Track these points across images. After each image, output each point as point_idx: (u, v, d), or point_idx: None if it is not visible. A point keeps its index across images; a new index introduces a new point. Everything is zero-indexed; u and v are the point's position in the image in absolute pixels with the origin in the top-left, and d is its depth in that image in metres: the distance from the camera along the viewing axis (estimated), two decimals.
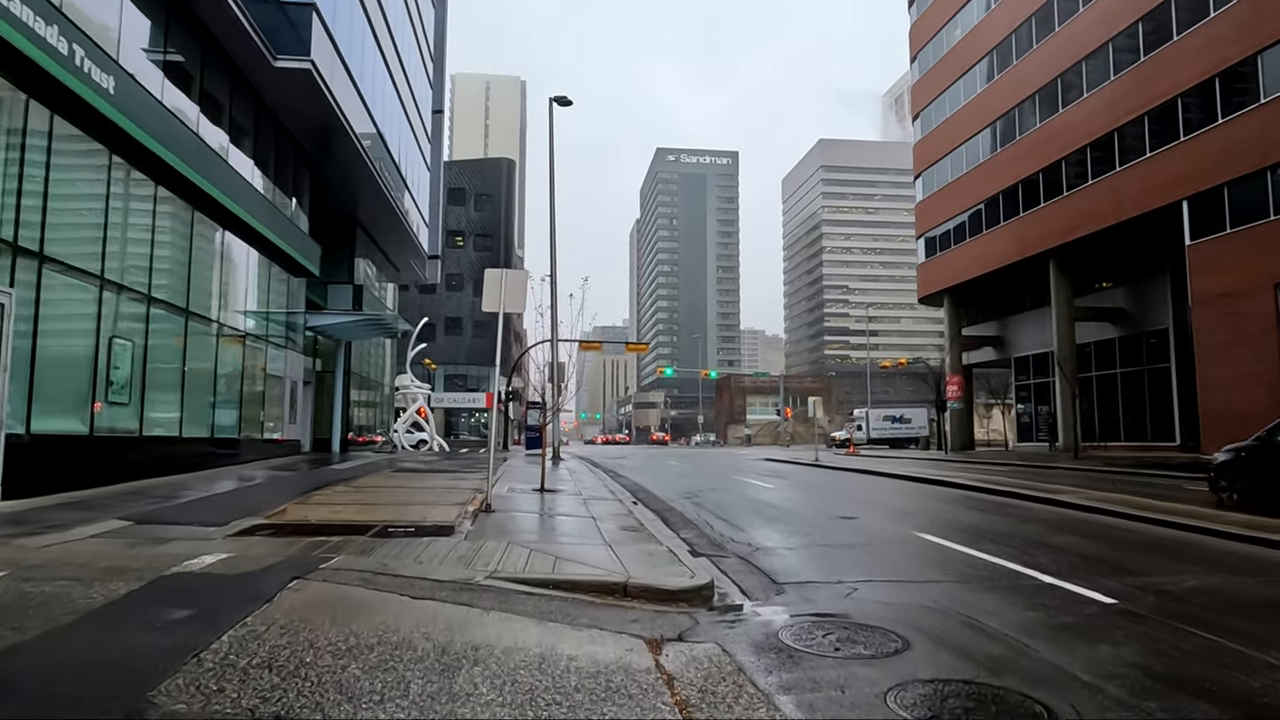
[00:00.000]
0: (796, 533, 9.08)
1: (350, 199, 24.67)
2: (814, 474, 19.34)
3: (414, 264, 35.55)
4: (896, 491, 14.38)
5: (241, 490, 11.64)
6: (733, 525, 9.76)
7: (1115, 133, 26.58)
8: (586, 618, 5.20)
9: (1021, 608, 5.53)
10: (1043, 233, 29.97)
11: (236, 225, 16.08)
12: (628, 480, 17.62)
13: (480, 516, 9.13)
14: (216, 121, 15.32)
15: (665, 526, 9.58)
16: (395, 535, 7.65)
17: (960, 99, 36.55)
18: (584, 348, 26.54)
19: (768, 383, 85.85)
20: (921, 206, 40.73)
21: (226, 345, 16.08)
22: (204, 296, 15.03)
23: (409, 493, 11.53)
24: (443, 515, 9.04)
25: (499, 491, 12.22)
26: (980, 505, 11.41)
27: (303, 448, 23.67)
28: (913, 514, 10.59)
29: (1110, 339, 30.63)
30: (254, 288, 17.77)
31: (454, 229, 61.20)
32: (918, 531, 8.87)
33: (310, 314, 21.88)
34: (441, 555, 6.69)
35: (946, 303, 38.31)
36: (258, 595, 5.15)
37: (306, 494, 10.93)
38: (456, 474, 15.82)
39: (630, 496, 13.21)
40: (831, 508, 11.76)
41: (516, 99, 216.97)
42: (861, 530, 9.13)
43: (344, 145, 20.15)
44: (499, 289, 10.01)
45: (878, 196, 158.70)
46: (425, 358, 46.76)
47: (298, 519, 8.59)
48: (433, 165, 35.66)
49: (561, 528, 8.78)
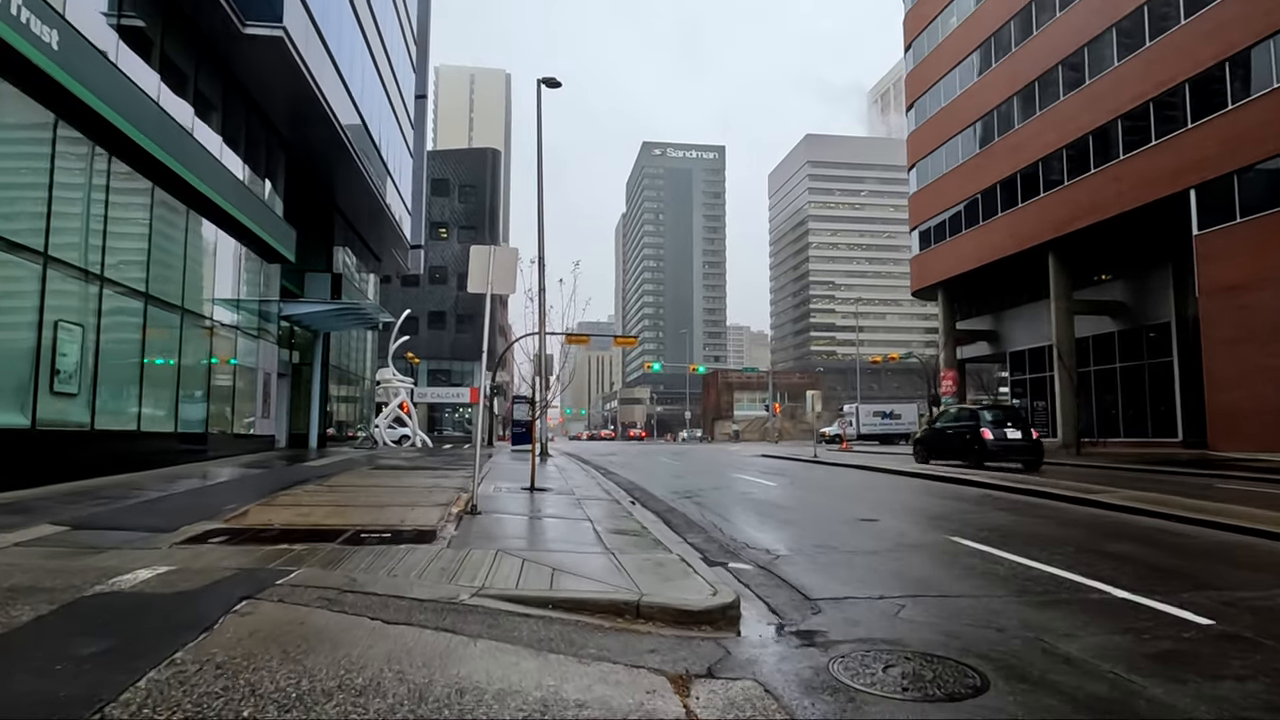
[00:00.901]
0: (816, 538, 8.24)
1: (328, 183, 23.59)
2: (815, 471, 18.54)
3: (396, 254, 34.44)
4: (909, 490, 13.59)
5: (202, 490, 10.64)
6: (743, 529, 8.91)
7: (1118, 120, 25.95)
8: (594, 647, 4.32)
9: (1103, 630, 4.71)
10: (1041, 224, 29.34)
11: (203, 205, 15.02)
12: (621, 478, 16.74)
13: (465, 519, 8.22)
14: (180, 93, 14.25)
15: (669, 530, 8.71)
16: (369, 542, 6.73)
17: (956, 88, 35.87)
18: (570, 341, 25.70)
19: (755, 378, 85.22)
20: (915, 199, 40.07)
21: (192, 333, 15.02)
22: (166, 280, 13.97)
23: (387, 492, 10.58)
24: (423, 518, 8.11)
25: (485, 491, 11.31)
26: (1008, 506, 10.62)
27: (278, 443, 22.59)
28: (937, 516, 9.78)
29: (1109, 333, 30.07)
30: (223, 273, 16.70)
31: (438, 220, 60.03)
32: (951, 536, 8.05)
33: (285, 302, 20.81)
34: (421, 567, 5.78)
35: (940, 296, 37.68)
36: (196, 621, 4.23)
37: (274, 494, 9.96)
38: (439, 471, 14.88)
39: (626, 496, 12.34)
40: (845, 508, 10.94)
41: (501, 92, 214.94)
42: (888, 535, 8.30)
43: (321, 125, 19.09)
44: (486, 268, 9.08)
45: (864, 192, 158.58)
46: (408, 351, 45.63)
47: (259, 523, 7.64)
48: (416, 153, 34.54)
49: (556, 532, 7.89)
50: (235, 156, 16.77)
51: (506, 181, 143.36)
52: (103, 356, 11.62)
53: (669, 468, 21.10)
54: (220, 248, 16.55)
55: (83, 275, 11.12)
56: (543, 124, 17.53)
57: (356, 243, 29.39)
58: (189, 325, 14.83)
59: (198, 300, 15.31)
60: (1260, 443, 20.18)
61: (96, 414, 11.42)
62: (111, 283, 11.94)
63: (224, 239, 16.66)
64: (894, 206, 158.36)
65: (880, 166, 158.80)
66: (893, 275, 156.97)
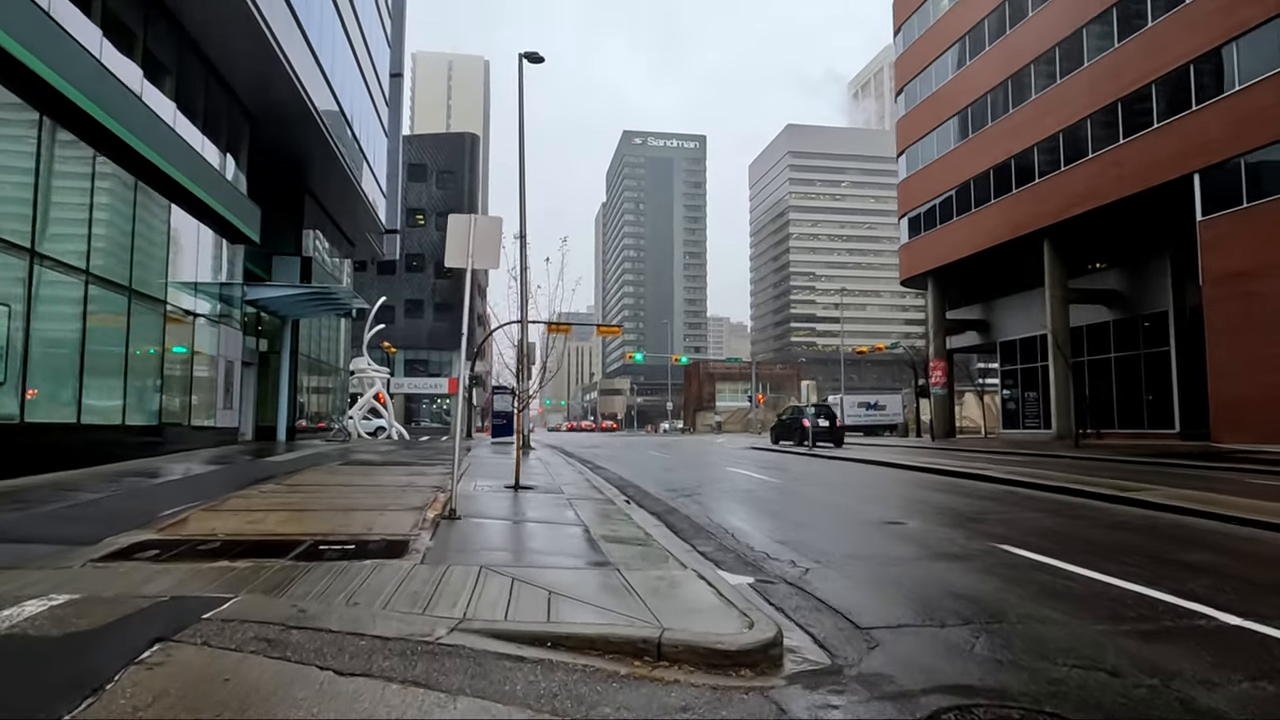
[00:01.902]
0: (843, 545, 7.29)
1: (298, 161, 22.24)
2: (813, 465, 17.65)
3: (371, 239, 33.09)
4: (923, 486, 12.70)
5: (143, 490, 9.48)
6: (757, 533, 7.94)
7: (1119, 103, 25.25)
8: (610, 706, 3.32)
9: (1241, 672, 3.77)
10: (1037, 211, 28.65)
11: (154, 177, 13.74)
12: (610, 473, 15.73)
13: (443, 525, 7.18)
14: (128, 52, 12.95)
15: (675, 536, 7.73)
16: (328, 556, 5.66)
17: (948, 71, 35.08)
18: (551, 330, 24.67)
19: (737, 369, 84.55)
20: (904, 185, 39.30)
21: (142, 317, 13.77)
22: (112, 259, 12.71)
23: (355, 493, 9.49)
24: (395, 524, 7.06)
25: (465, 489, 10.26)
26: (1043, 506, 9.73)
27: (242, 436, 21.31)
28: (968, 517, 8.87)
29: (1104, 322, 29.49)
30: (179, 253, 15.43)
31: (414, 207, 58.46)
32: (998, 544, 7.13)
33: (250, 286, 19.52)
34: (389, 590, 4.74)
35: (930, 285, 36.98)
36: (81, 679, 3.19)
37: (225, 495, 8.83)
38: (415, 467, 13.78)
39: (619, 494, 11.33)
40: (863, 508, 10.01)
41: (480, 79, 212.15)
42: (924, 541, 7.37)
43: (288, 97, 17.80)
44: (466, 239, 7.99)
45: (845, 183, 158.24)
46: (384, 340, 44.25)
47: (201, 532, 6.55)
48: (391, 134, 33.15)
49: (547, 541, 6.87)
50: (192, 126, 15.46)
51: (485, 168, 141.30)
52: (36, 341, 10.39)
53: (658, 461, 20.13)
54: (176, 226, 15.27)
55: (7, 249, 9.87)
56: (524, 94, 16.32)
57: (328, 226, 28.03)
58: (139, 308, 13.57)
59: (149, 281, 14.05)
60: (1265, 434, 19.59)
61: (27, 405, 10.19)
62: (46, 259, 10.69)
63: (180, 216, 15.37)
64: (874, 197, 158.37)
65: (861, 157, 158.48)
66: (873, 266, 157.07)
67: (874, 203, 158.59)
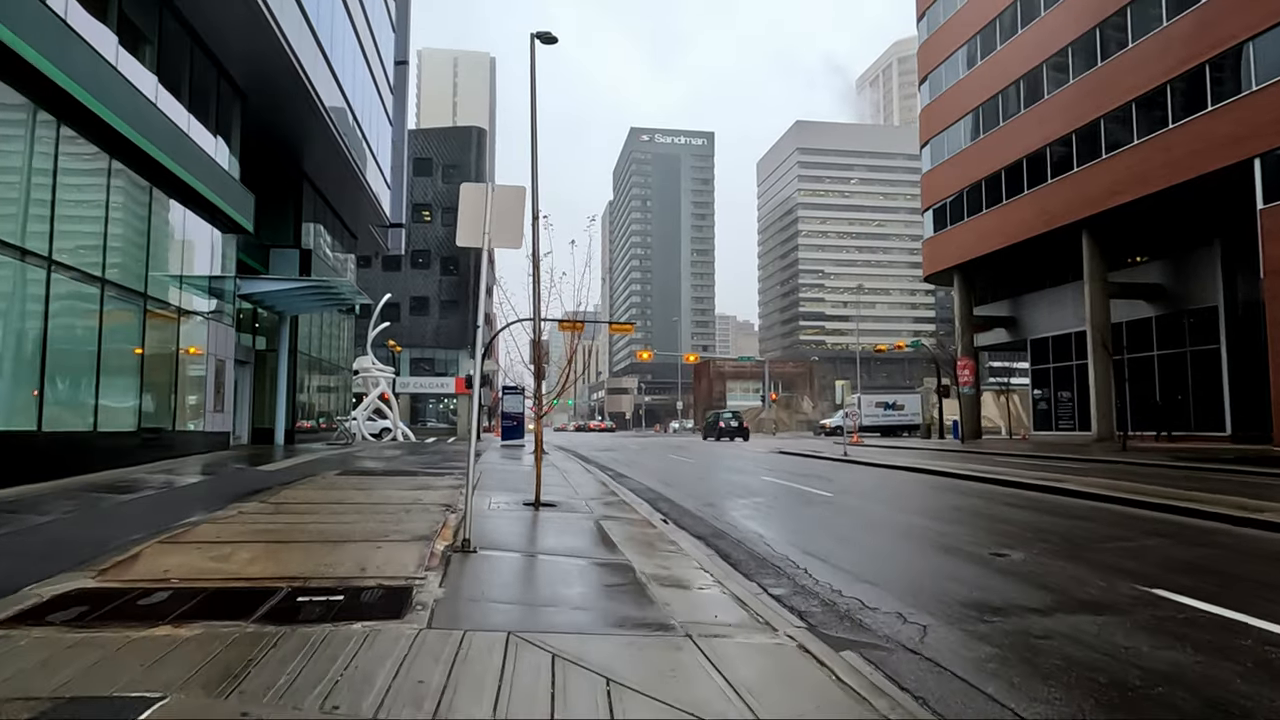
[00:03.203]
0: (951, 588, 5.90)
1: (295, 146, 20.93)
2: (856, 474, 16.18)
3: (375, 232, 31.79)
4: (998, 502, 11.26)
5: (104, 511, 8.14)
6: (835, 569, 6.55)
7: (1167, 85, 23.74)
8: None
9: None
10: (1075, 200, 27.14)
11: (132, 155, 12.42)
12: (634, 482, 14.36)
13: (454, 562, 5.81)
14: (101, 17, 11.62)
15: (735, 572, 6.37)
16: (305, 617, 4.30)
17: (977, 56, 33.56)
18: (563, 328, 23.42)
19: (748, 368, 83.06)
20: (929, 177, 37.79)
21: (119, 312, 12.45)
22: (81, 245, 11.40)
23: (350, 514, 8.14)
24: (395, 562, 5.69)
25: (479, 507, 8.90)
26: (1163, 529, 8.25)
27: (237, 440, 20.03)
28: (1080, 545, 7.48)
29: (1145, 318, 27.98)
30: (160, 241, 14.09)
31: (420, 202, 57.19)
32: (1142, 585, 5.73)
33: (244, 279, 18.20)
34: (383, 680, 3.37)
35: (957, 280, 35.49)
36: None
37: (197, 517, 7.49)
38: (421, 478, 12.43)
39: (651, 510, 9.97)
40: (945, 531, 8.60)
41: (485, 76, 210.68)
42: (1044, 582, 5.99)
43: (283, 75, 16.48)
44: (482, 213, 6.62)
45: (854, 180, 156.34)
46: (389, 339, 43.00)
47: (150, 575, 5.20)
48: (396, 122, 31.81)
49: (586, 586, 5.48)
50: (176, 103, 14.13)
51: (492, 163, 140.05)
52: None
53: (682, 467, 18.72)
54: (159, 212, 13.94)
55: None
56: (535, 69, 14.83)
57: (330, 218, 26.71)
58: (115, 302, 12.25)
59: (127, 272, 12.73)
60: None
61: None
62: (3, 245, 9.37)
63: (163, 201, 14.05)
64: (884, 194, 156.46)
65: (871, 154, 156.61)
66: (882, 264, 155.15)
67: (883, 199, 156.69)
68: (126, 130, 11.68)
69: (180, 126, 14.03)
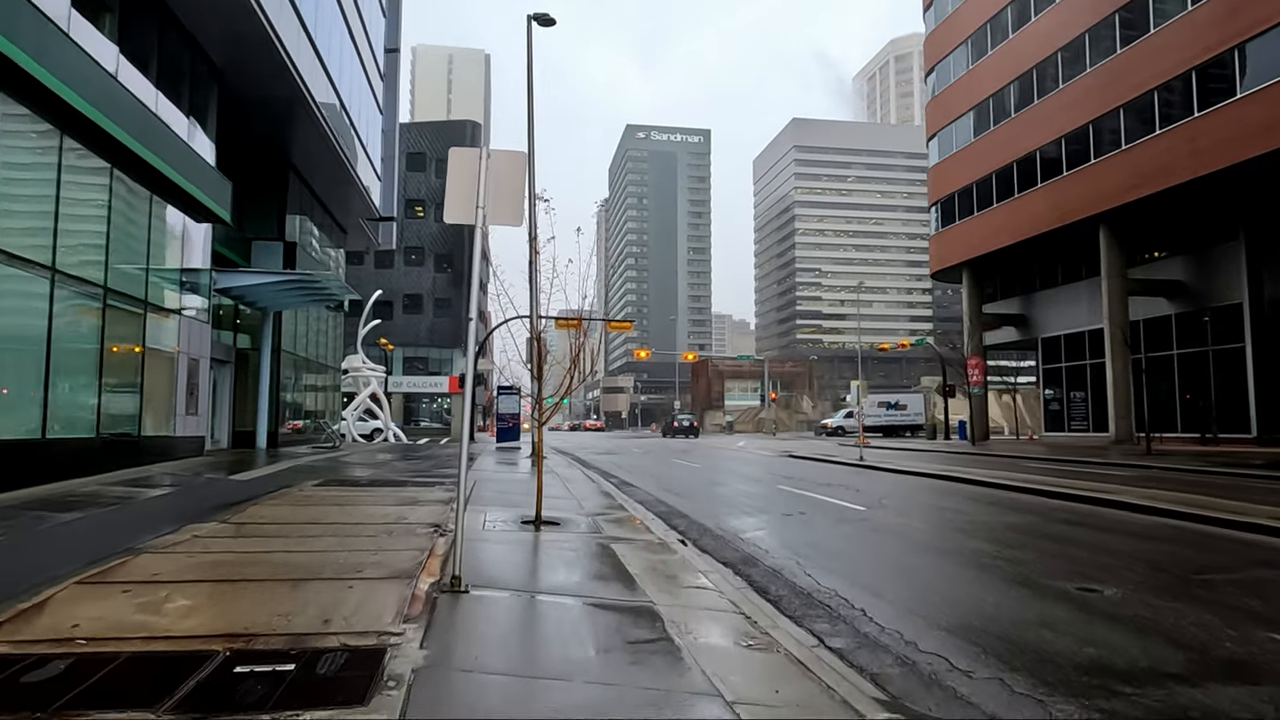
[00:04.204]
0: (1053, 639, 4.83)
1: (278, 132, 19.77)
2: (884, 483, 14.93)
3: (366, 226, 30.62)
4: (1054, 519, 10.16)
5: (33, 537, 7.01)
6: (902, 610, 5.47)
7: (1192, 72, 22.71)
8: None
9: None
10: (1092, 194, 26.10)
11: (91, 134, 11.28)
12: (641, 492, 13.27)
13: (441, 608, 4.71)
14: None
15: (778, 611, 5.29)
16: (235, 705, 3.20)
17: (988, 45, 32.52)
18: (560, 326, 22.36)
19: (746, 367, 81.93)
20: (936, 170, 36.74)
21: (73, 306, 11.32)
22: (29, 231, 10.25)
23: (323, 538, 7.03)
24: (368, 609, 4.59)
25: (472, 526, 7.80)
26: (1271, 558, 7.24)
27: (216, 444, 18.90)
28: (1182, 578, 6.42)
29: (1164, 316, 26.97)
30: (125, 229, 12.93)
31: (414, 198, 56.00)
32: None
33: (221, 272, 17.05)
34: None
35: (966, 277, 34.47)
36: None
37: (139, 544, 6.37)
38: (409, 488, 11.33)
39: (665, 528, 8.89)
40: (1007, 556, 7.51)
41: (480, 73, 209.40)
42: (1162, 628, 4.95)
43: (261, 49, 15.32)
44: (475, 184, 5.51)
45: (851, 178, 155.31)
46: (381, 337, 41.82)
47: (54, 632, 4.09)
48: (387, 112, 30.63)
49: (601, 640, 4.38)
50: (142, 79, 12.97)
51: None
52: None
53: (690, 474, 17.61)
54: (121, 197, 12.78)
55: None
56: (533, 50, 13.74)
57: (317, 211, 25.54)
58: (68, 295, 11.10)
59: (83, 262, 11.58)
60: None
61: None
62: None
63: (127, 186, 12.89)
64: (881, 192, 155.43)
65: (868, 152, 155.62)
66: (879, 263, 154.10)
67: (881, 198, 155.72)
68: (80, 104, 10.53)
69: (146, 104, 12.88)
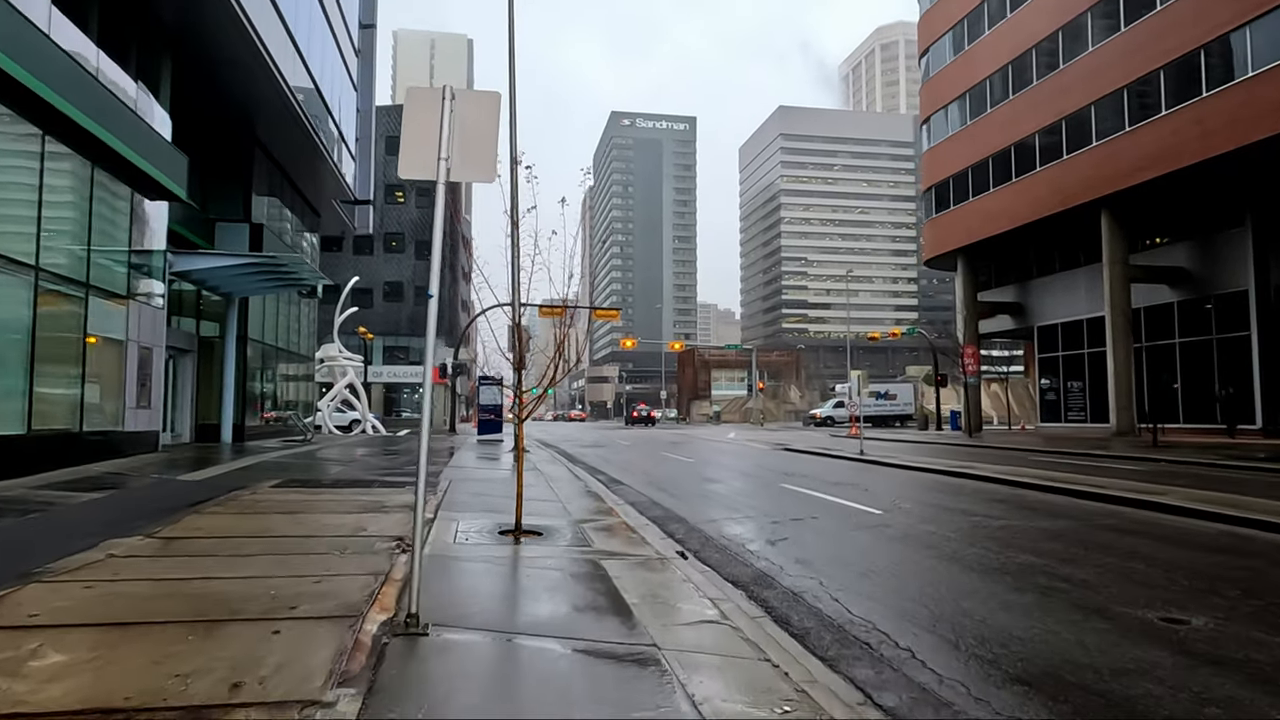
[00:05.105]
0: (1168, 699, 3.89)
1: (241, 105, 18.51)
2: (892, 480, 13.95)
3: (340, 209, 29.32)
4: (1102, 525, 9.21)
5: None
6: (957, 650, 4.52)
7: (1200, 51, 21.91)
8: None
9: None
10: (1094, 177, 25.32)
11: (20, 98, 10.07)
12: (632, 491, 12.28)
13: (390, 661, 3.69)
14: None
15: (808, 651, 4.32)
16: None
17: (985, 25, 31.62)
18: (543, 314, 21.34)
19: (733, 356, 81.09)
20: (930, 155, 35.89)
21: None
22: None
23: (263, 557, 5.99)
24: (295, 665, 3.55)
25: (441, 539, 6.79)
26: None
27: (177, 438, 17.73)
28: (1272, 601, 5.53)
29: (1167, 304, 26.29)
30: (62, 205, 11.74)
31: (393, 183, 54.50)
32: None
33: (176, 254, 15.83)
34: None
35: (960, 264, 33.68)
36: None
37: (34, 572, 5.30)
38: (376, 490, 10.28)
39: (660, 535, 7.91)
40: (1065, 575, 6.58)
41: (463, 58, 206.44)
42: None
43: (217, 8, 14.07)
44: (438, 131, 4.46)
45: (837, 166, 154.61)
46: (360, 326, 40.50)
47: None
48: (362, 89, 29.30)
49: (592, 708, 3.38)
50: (80, 34, 11.75)
51: None
52: None
53: (686, 472, 16.61)
54: (56, 169, 11.58)
55: None
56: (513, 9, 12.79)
57: (288, 191, 24.26)
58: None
59: (10, 240, 10.39)
60: None
61: None
62: None
63: (65, 156, 11.68)
64: (867, 181, 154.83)
65: (854, 140, 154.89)
66: (866, 252, 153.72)
67: (867, 186, 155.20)
68: (18, 72, 9.32)
69: (84, 64, 11.65)
